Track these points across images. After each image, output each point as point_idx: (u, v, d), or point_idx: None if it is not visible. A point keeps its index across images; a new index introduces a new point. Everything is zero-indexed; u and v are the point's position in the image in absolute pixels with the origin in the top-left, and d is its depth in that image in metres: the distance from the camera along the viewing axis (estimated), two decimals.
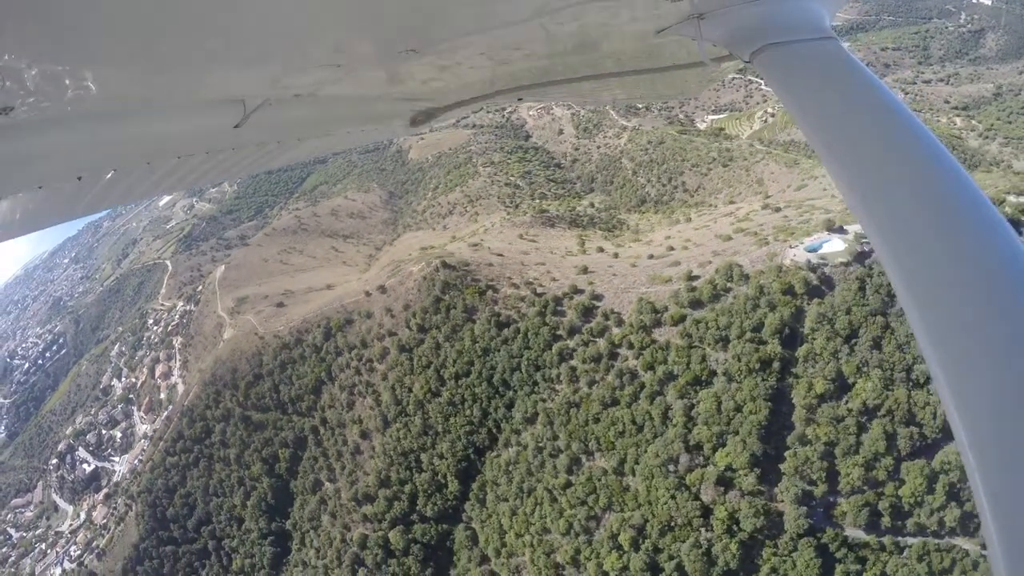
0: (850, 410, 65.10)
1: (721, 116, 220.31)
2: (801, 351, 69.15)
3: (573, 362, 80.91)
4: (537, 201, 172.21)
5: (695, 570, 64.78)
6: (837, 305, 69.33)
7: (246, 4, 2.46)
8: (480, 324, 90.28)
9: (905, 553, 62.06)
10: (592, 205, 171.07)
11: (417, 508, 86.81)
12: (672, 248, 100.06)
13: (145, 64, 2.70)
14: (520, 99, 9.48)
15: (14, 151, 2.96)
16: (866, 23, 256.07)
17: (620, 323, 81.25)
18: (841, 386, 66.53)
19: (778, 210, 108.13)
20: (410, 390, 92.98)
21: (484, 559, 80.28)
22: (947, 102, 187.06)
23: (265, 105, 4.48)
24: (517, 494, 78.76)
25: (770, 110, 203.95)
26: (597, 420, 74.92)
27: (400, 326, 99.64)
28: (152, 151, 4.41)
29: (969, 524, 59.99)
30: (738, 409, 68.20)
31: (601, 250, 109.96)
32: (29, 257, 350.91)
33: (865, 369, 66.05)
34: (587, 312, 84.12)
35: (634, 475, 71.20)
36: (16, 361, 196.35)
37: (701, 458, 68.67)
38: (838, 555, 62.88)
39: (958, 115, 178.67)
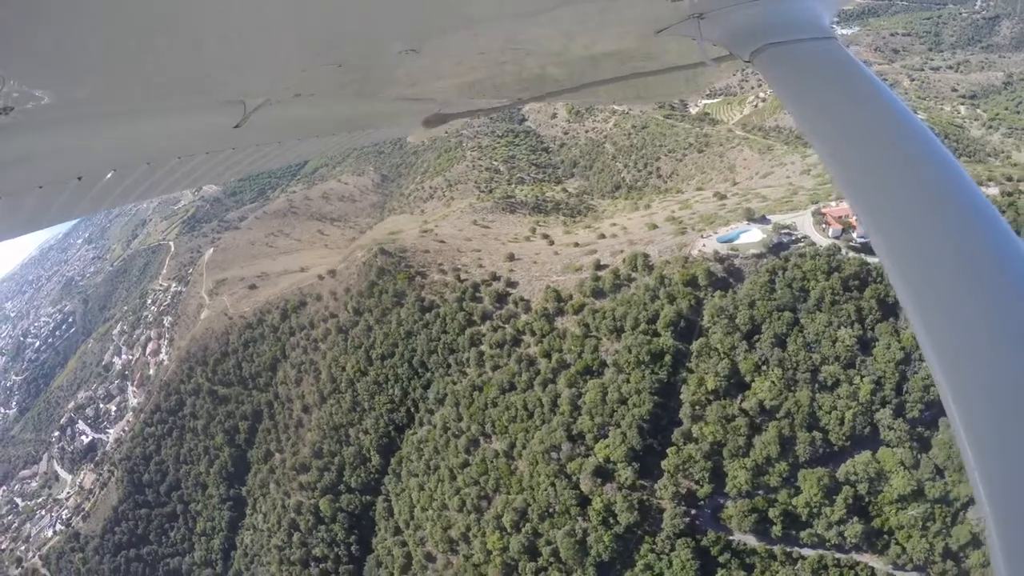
0: (743, 410, 65.04)
1: (715, 100, 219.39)
2: (695, 345, 70.16)
3: (482, 347, 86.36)
4: (513, 186, 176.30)
5: (569, 557, 67.64)
6: (740, 299, 70.13)
7: (245, 5, 2.50)
8: (406, 308, 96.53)
9: (799, 565, 61.50)
10: (566, 190, 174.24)
11: (344, 479, 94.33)
12: (603, 236, 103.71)
13: (144, 65, 2.77)
14: (521, 101, 9.66)
15: (15, 151, 3.05)
16: (878, 7, 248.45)
17: (528, 310, 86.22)
18: (738, 384, 66.83)
19: (723, 198, 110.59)
20: (343, 369, 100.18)
21: (398, 530, 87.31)
22: (954, 90, 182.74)
23: (265, 105, 4.53)
24: (425, 471, 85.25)
25: (762, 95, 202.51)
26: (495, 404, 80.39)
27: (341, 308, 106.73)
28: (152, 152, 4.50)
29: (877, 541, 59.47)
30: (623, 401, 70.22)
31: (546, 237, 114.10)
32: (44, 237, 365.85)
33: (765, 368, 65.91)
34: (501, 299, 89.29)
35: (521, 459, 76.29)
36: (28, 340, 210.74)
37: (583, 448, 71.79)
38: (720, 559, 63.52)
39: (963, 104, 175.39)
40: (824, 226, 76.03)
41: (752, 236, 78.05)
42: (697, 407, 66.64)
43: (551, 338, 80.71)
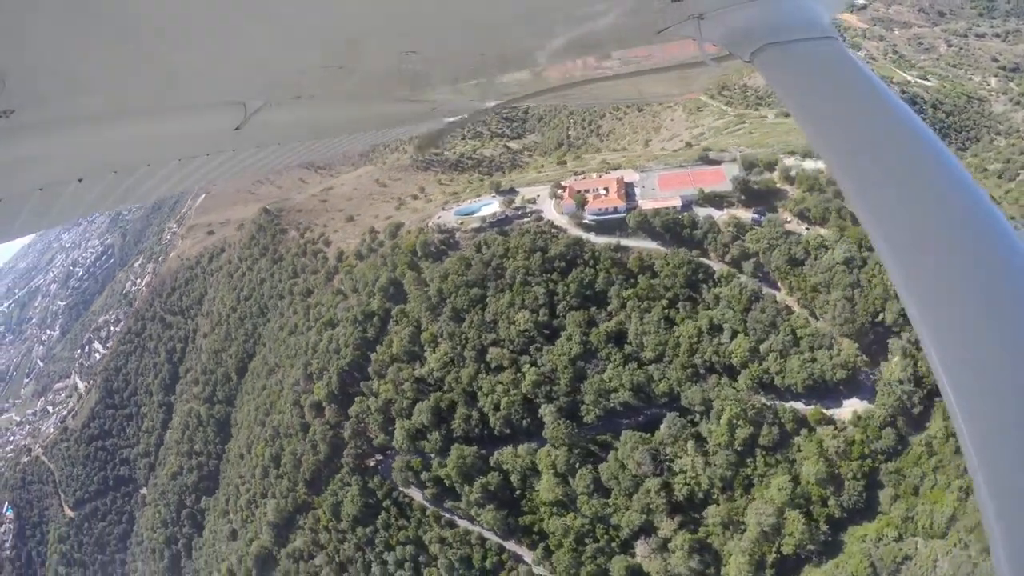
0: (415, 376, 76.28)
1: None
2: (395, 311, 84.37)
3: (295, 296, 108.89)
4: (463, 141, 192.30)
5: (288, 471, 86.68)
6: (438, 271, 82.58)
7: (245, 7, 2.57)
8: (265, 260, 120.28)
9: (452, 532, 71.67)
10: (507, 147, 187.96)
11: (216, 393, 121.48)
12: (452, 197, 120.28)
13: (145, 67, 2.83)
14: (521, 101, 10.46)
15: (16, 153, 3.07)
16: None
17: (318, 269, 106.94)
18: (418, 351, 79.24)
19: (563, 163, 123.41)
20: (225, 305, 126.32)
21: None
22: (995, 60, 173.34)
23: (266, 107, 4.60)
24: (257, 390, 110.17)
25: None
26: (286, 344, 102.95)
27: (233, 256, 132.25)
28: (152, 154, 4.65)
29: (524, 537, 67.10)
30: (337, 351, 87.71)
31: (422, 194, 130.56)
32: None
33: (440, 340, 77.40)
34: (315, 255, 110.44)
35: (284, 390, 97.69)
36: (75, 268, 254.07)
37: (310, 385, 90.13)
38: (384, 504, 77.12)
39: (997, 76, 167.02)
40: (559, 200, 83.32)
41: (491, 208, 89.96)
42: (381, 366, 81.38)
43: (324, 293, 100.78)
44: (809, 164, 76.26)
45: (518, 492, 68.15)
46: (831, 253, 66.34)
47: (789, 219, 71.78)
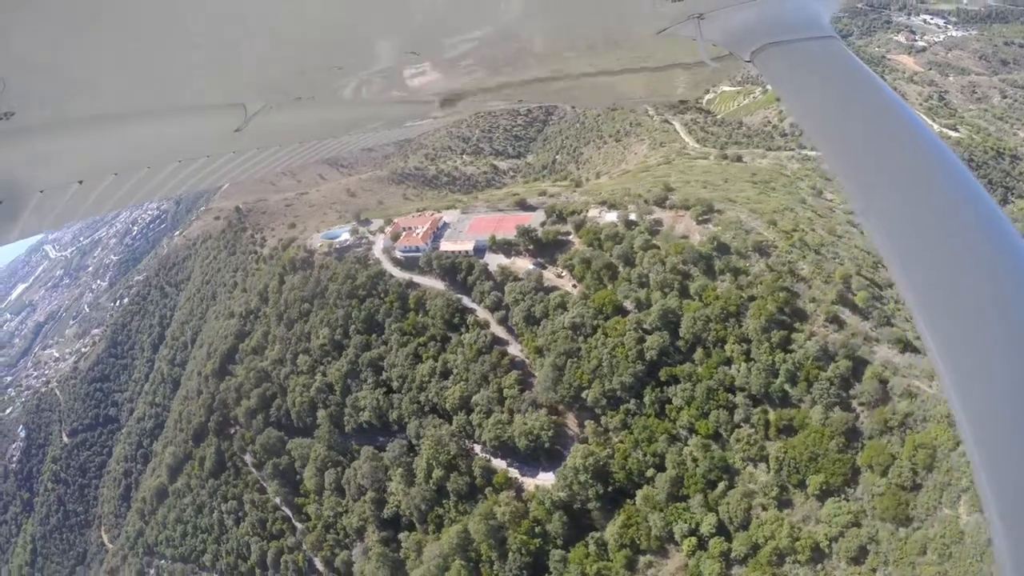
0: (259, 366, 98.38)
1: (735, 88, 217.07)
2: (261, 312, 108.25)
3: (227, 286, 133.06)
4: (457, 157, 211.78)
5: None
6: (288, 284, 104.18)
7: (245, 10, 2.62)
8: (226, 252, 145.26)
9: None
10: (494, 166, 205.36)
11: (188, 358, 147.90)
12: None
13: (145, 71, 2.88)
14: (521, 101, 10.74)
15: (17, 155, 3.15)
16: (1008, 13, 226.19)
17: (247, 267, 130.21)
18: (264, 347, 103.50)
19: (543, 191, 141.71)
20: (194, 282, 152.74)
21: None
22: None
23: (266, 109, 4.71)
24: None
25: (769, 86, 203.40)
26: (216, 322, 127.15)
27: (211, 246, 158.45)
28: (153, 155, 4.76)
29: None
30: (224, 337, 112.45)
31: (378, 207, 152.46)
32: None
33: (277, 341, 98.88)
34: (251, 253, 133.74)
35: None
36: (132, 227, 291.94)
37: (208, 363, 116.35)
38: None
39: None
40: (383, 235, 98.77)
41: (343, 236, 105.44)
42: (243, 354, 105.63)
43: (239, 288, 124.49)
44: (609, 217, 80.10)
45: (298, 476, 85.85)
46: (563, 316, 70.20)
47: (562, 273, 76.71)
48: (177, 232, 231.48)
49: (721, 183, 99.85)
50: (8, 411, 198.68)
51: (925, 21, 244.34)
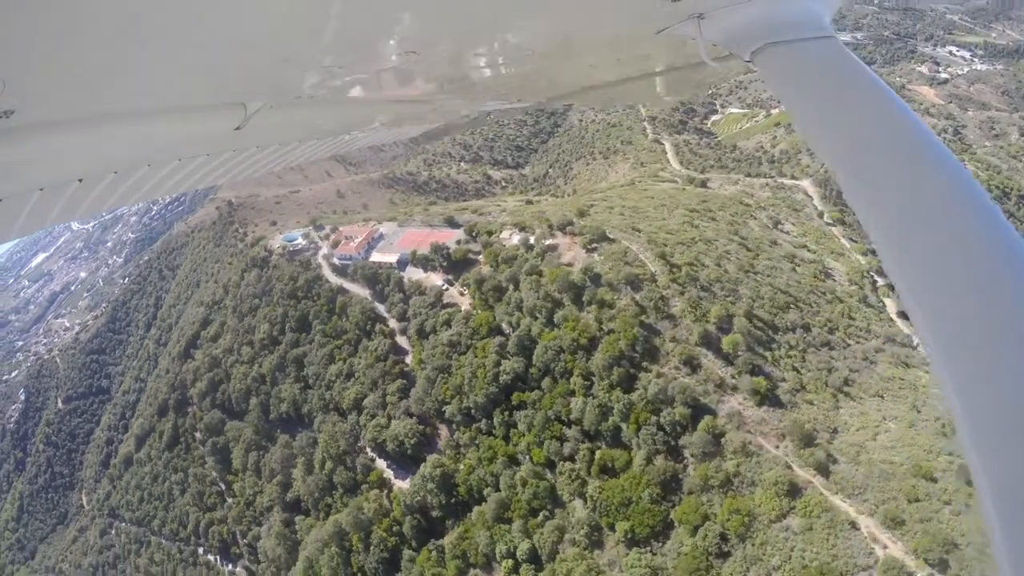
0: (211, 352, 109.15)
1: (742, 111, 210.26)
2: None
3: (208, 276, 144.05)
4: (451, 165, 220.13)
5: None
6: (247, 281, 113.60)
7: (246, 7, 2.62)
8: (214, 242, 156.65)
9: None
10: (487, 175, 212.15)
11: (176, 344, 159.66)
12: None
13: (145, 68, 2.89)
14: (520, 101, 10.55)
15: (16, 153, 3.16)
16: None
17: (226, 260, 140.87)
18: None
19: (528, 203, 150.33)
20: (184, 270, 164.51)
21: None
22: None
23: (266, 107, 4.73)
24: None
25: (775, 109, 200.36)
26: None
27: (205, 235, 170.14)
28: (153, 154, 4.77)
29: None
30: (193, 323, 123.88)
31: (362, 210, 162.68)
32: None
33: (229, 331, 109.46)
34: (232, 247, 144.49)
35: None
36: (152, 206, 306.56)
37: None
38: None
39: None
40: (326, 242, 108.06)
41: (297, 240, 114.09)
42: (204, 340, 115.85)
43: (217, 280, 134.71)
44: (516, 239, 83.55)
45: (231, 456, 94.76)
46: (444, 333, 74.62)
47: (463, 291, 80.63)
48: (183, 218, 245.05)
49: (650, 211, 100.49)
50: (14, 374, 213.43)
51: (951, 53, 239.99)
